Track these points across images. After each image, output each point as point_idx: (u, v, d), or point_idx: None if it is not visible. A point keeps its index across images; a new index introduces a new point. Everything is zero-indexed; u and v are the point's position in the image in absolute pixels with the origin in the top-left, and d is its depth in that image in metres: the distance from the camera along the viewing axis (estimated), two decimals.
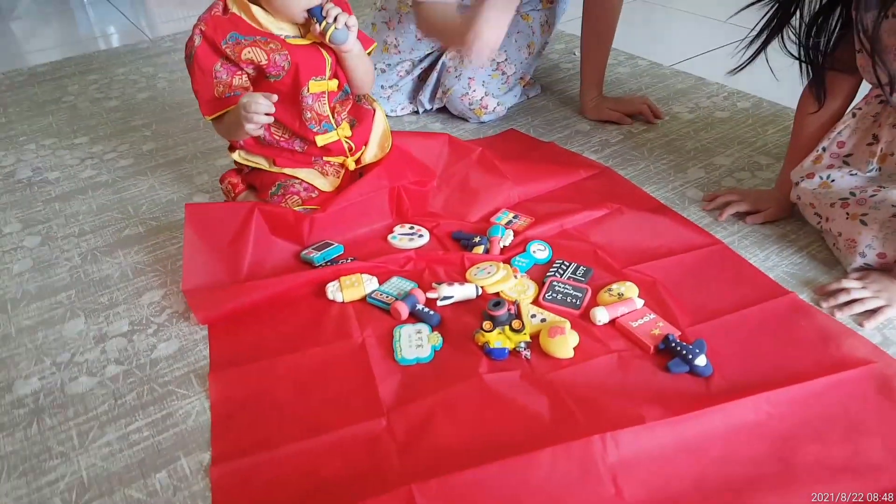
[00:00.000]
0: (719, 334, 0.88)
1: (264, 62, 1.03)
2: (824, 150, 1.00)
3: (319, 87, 1.09)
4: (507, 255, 1.05)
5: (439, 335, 0.91)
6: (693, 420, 0.75)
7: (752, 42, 0.97)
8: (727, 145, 1.33)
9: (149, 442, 0.81)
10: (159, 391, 0.88)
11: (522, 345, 0.87)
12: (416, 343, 0.90)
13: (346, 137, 1.15)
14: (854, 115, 0.98)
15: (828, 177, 0.99)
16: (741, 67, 0.98)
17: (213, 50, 1.02)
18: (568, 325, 0.89)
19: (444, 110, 1.54)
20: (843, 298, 0.91)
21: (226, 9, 1.04)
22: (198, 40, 1.02)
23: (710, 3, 2.19)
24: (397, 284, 1.01)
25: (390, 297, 0.98)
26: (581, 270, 1.01)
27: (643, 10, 1.42)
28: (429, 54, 1.53)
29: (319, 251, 1.06)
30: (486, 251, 1.06)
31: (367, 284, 1.00)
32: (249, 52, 1.02)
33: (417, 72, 1.55)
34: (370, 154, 1.18)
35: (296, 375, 0.88)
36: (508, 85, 1.49)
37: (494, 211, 1.17)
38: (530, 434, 0.77)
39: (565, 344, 0.86)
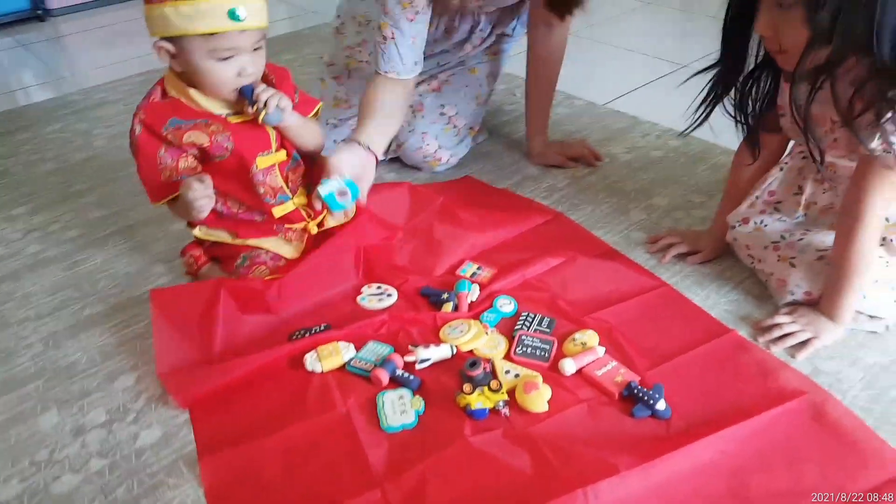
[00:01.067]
0: (674, 376, 0.96)
1: (206, 144, 1.05)
2: (757, 197, 1.12)
3: (268, 161, 1.11)
4: (475, 311, 1.10)
5: (421, 399, 0.95)
6: (660, 465, 0.82)
7: (700, 105, 1.07)
8: (663, 185, 1.43)
9: None
10: (149, 482, 0.88)
11: (501, 403, 0.93)
12: (399, 409, 0.93)
13: (302, 206, 1.17)
14: (782, 168, 1.09)
15: (761, 222, 1.10)
16: (691, 130, 1.08)
17: (154, 137, 1.04)
18: (540, 379, 0.95)
19: (397, 160, 1.58)
20: (776, 333, 1.01)
21: (164, 93, 1.06)
22: (138, 129, 1.04)
23: (637, 37, 2.32)
24: (374, 349, 1.04)
25: (369, 363, 1.01)
26: (545, 322, 1.07)
27: (573, 45, 1.50)
28: None
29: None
30: (455, 307, 1.11)
31: (344, 352, 1.02)
32: (191, 136, 1.04)
33: None
34: (333, 219, 1.20)
35: (286, 453, 0.89)
36: (459, 136, 1.55)
37: (459, 262, 1.22)
38: (517, 492, 0.82)
39: (540, 398, 0.92)
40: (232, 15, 0.95)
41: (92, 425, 0.97)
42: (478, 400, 0.93)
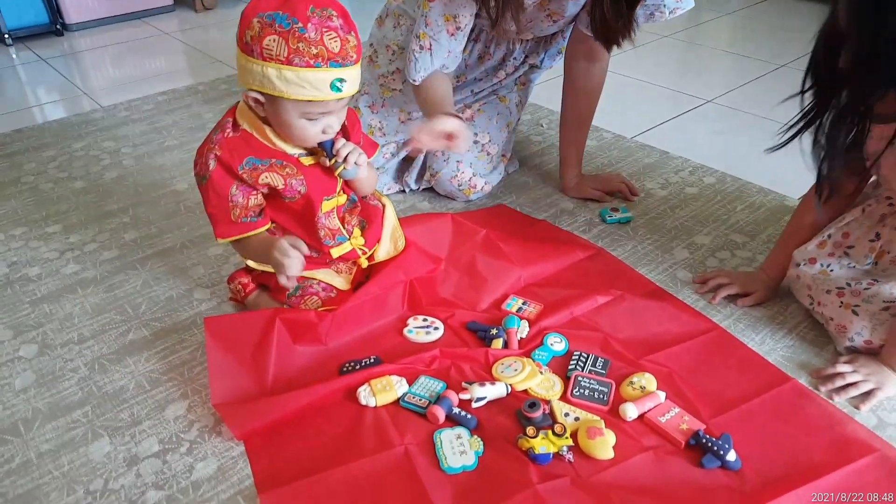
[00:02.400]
0: (739, 425, 0.95)
1: (281, 186, 1.04)
2: (829, 237, 1.09)
3: (330, 204, 1.11)
4: (526, 349, 1.10)
5: (479, 439, 0.94)
6: None
7: (790, 127, 1.02)
8: (703, 223, 1.44)
9: None
10: None
11: (565, 448, 0.91)
12: (458, 450, 0.92)
13: (359, 246, 1.18)
14: (863, 210, 1.06)
15: (828, 266, 1.08)
16: (779, 147, 1.03)
17: (228, 174, 1.02)
18: (603, 424, 0.94)
19: (430, 190, 1.58)
20: (839, 383, 1.01)
21: (236, 125, 1.03)
22: (212, 164, 1.01)
23: (654, 70, 2.36)
24: (427, 385, 1.03)
25: (424, 399, 1.00)
26: (600, 362, 1.06)
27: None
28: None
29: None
30: (505, 343, 1.11)
31: (397, 387, 1.02)
32: (266, 178, 1.03)
33: (403, 153, 1.59)
34: (383, 251, 1.20)
35: (347, 492, 0.88)
36: (493, 164, 1.56)
37: (503, 297, 1.22)
38: None
39: (605, 445, 0.91)
40: (334, 87, 0.93)
41: (145, 455, 0.96)
42: (542, 444, 0.91)
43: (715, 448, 0.90)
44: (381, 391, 1.01)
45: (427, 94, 1.35)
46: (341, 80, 0.94)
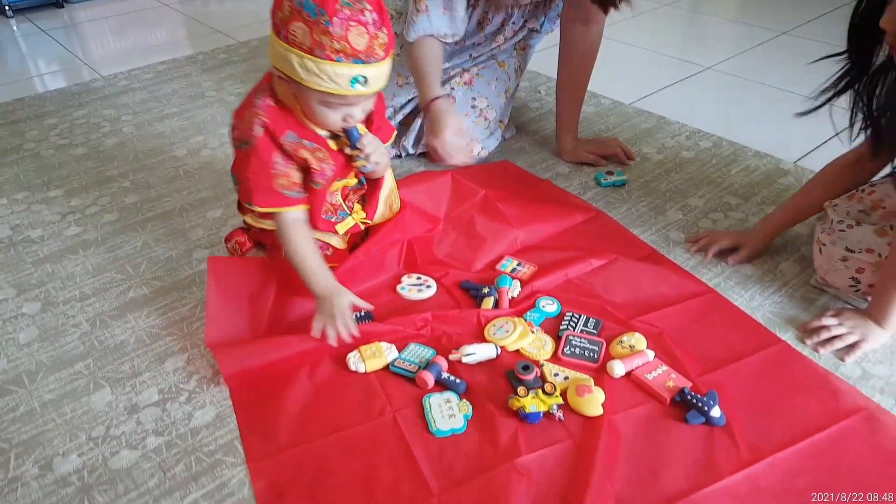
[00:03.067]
0: (726, 384, 0.96)
1: (316, 168, 1.03)
2: (863, 191, 1.09)
3: (339, 185, 1.12)
4: (517, 309, 1.11)
5: (468, 403, 0.95)
6: (722, 488, 0.83)
7: (825, 90, 1.02)
8: (697, 186, 1.45)
9: None
10: (207, 461, 0.90)
11: (555, 407, 0.92)
12: (447, 413, 0.93)
13: (360, 220, 1.19)
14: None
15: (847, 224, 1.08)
16: (810, 112, 1.04)
17: (273, 143, 1.00)
18: (592, 382, 0.96)
19: (427, 154, 1.59)
20: (824, 335, 1.03)
21: (273, 94, 1.01)
22: (259, 130, 0.98)
23: (654, 38, 2.35)
24: (416, 352, 1.03)
25: (413, 364, 1.00)
26: (591, 322, 1.07)
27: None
28: (410, 100, 1.58)
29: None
30: (496, 303, 1.12)
31: (387, 353, 1.02)
32: (304, 154, 1.02)
33: (399, 117, 1.60)
34: (378, 214, 1.22)
35: (336, 459, 0.88)
36: (490, 129, 1.57)
37: (498, 257, 1.24)
38: None
39: (594, 402, 0.92)
40: (354, 82, 0.91)
41: (145, 404, 0.98)
42: (532, 403, 0.92)
43: (699, 404, 0.91)
44: (371, 357, 1.01)
45: (419, 57, 1.36)
46: (363, 77, 0.91)
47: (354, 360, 1.01)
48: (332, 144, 1.05)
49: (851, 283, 1.06)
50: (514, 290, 1.15)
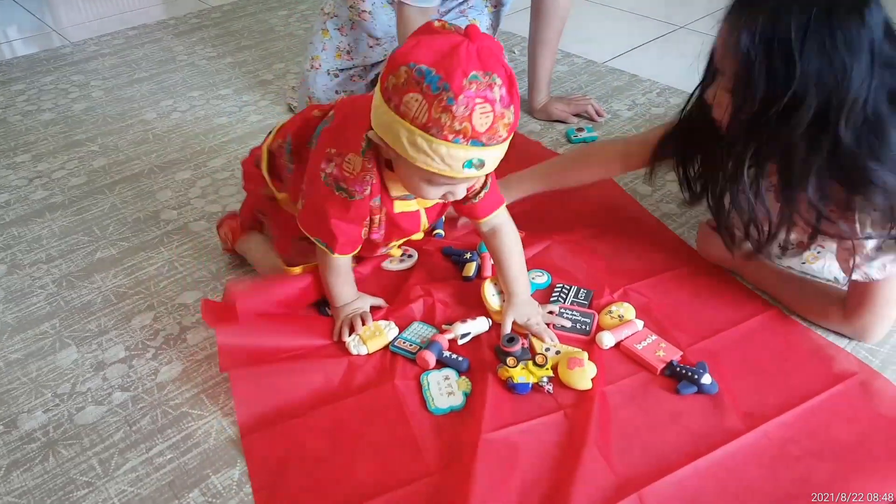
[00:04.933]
0: (718, 352, 0.95)
1: (376, 229, 0.97)
2: None
3: (398, 242, 1.08)
4: None
5: (468, 380, 0.92)
6: (716, 458, 0.81)
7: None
8: None
9: (174, 464, 0.84)
10: (173, 414, 0.90)
11: (545, 379, 0.90)
12: (446, 391, 0.90)
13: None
14: None
15: None
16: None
17: (367, 203, 0.92)
18: (586, 356, 0.92)
19: None
20: None
21: (378, 154, 0.88)
22: (367, 191, 0.90)
23: (633, 0, 2.33)
24: (418, 331, 1.00)
25: (414, 345, 0.97)
26: (582, 294, 1.05)
27: (573, 6, 1.51)
28: (381, 61, 1.57)
29: None
30: (479, 267, 1.10)
31: (387, 331, 0.98)
32: (375, 216, 0.95)
33: (371, 76, 1.59)
34: None
35: (333, 433, 0.86)
36: None
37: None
38: (583, 494, 0.77)
39: (584, 376, 0.90)
40: (468, 165, 0.79)
41: (111, 361, 0.99)
42: (521, 374, 0.91)
43: (689, 374, 0.89)
44: (372, 337, 0.97)
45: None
46: (479, 161, 0.79)
47: (355, 344, 0.97)
48: (399, 208, 0.96)
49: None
50: None
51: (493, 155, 0.80)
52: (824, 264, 0.99)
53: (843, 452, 0.81)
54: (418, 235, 1.08)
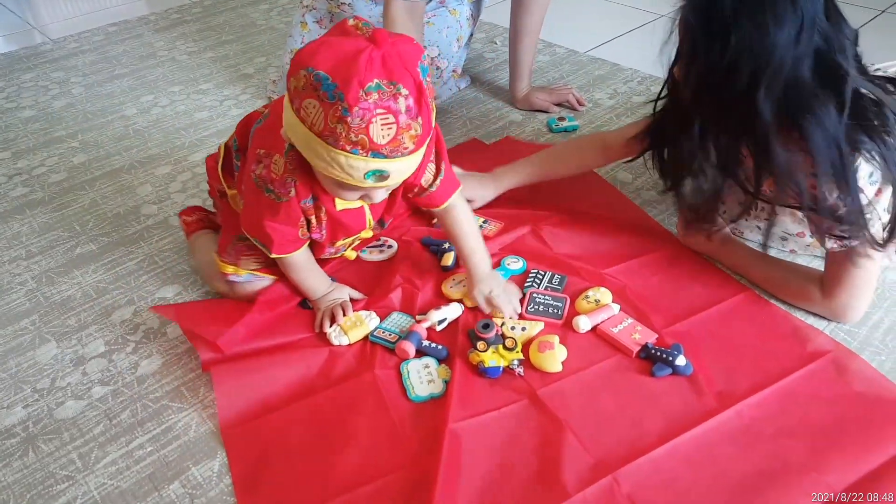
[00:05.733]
0: (692, 334, 0.95)
1: (315, 227, 0.94)
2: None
3: (351, 240, 1.05)
4: None
5: (448, 368, 0.92)
6: (690, 438, 0.82)
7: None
8: None
9: (154, 457, 0.84)
10: (153, 407, 0.90)
11: (515, 362, 0.91)
12: (426, 379, 0.91)
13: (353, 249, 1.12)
14: None
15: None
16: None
17: (298, 202, 0.89)
18: (557, 339, 0.93)
19: None
20: None
21: (287, 146, 0.84)
22: (293, 192, 0.87)
23: None
24: (398, 320, 1.00)
25: (393, 334, 0.97)
26: (556, 279, 1.05)
27: None
28: None
29: None
30: (456, 258, 1.09)
31: (368, 321, 0.98)
32: (311, 217, 0.93)
33: None
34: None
35: (313, 425, 0.86)
36: (443, 79, 1.55)
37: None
38: (555, 477, 0.78)
39: (554, 358, 0.91)
40: (369, 176, 0.77)
41: (91, 356, 0.98)
42: (492, 357, 0.91)
43: (664, 356, 0.90)
44: (353, 327, 0.97)
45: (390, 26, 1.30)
46: (381, 173, 0.77)
47: (336, 335, 0.97)
48: (340, 205, 0.93)
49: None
50: None
51: (398, 166, 0.77)
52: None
53: (816, 431, 0.82)
54: (367, 233, 1.05)
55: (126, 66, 1.90)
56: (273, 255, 0.94)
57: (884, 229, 0.87)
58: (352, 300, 1.02)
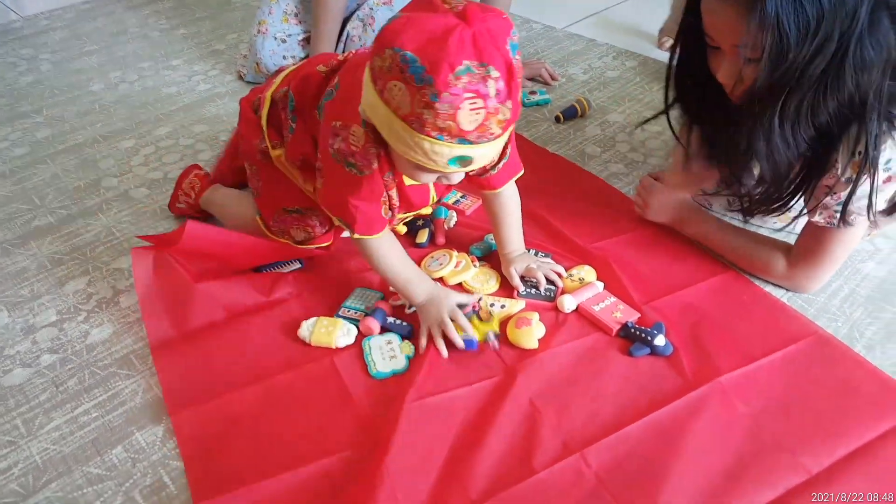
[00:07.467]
0: (674, 312, 0.94)
1: (395, 205, 0.89)
2: None
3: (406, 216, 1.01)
4: (462, 243, 1.07)
5: (411, 344, 0.91)
6: (664, 415, 0.80)
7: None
8: (619, 103, 1.45)
9: (99, 422, 0.83)
10: (101, 374, 0.89)
11: (491, 335, 0.89)
12: (388, 355, 0.89)
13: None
14: None
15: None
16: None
17: (380, 179, 0.84)
18: (536, 317, 0.91)
19: None
20: None
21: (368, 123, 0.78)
22: (375, 164, 0.81)
23: None
24: (363, 295, 0.98)
25: (359, 312, 0.95)
26: (540, 256, 1.03)
27: None
28: None
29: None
30: (431, 234, 1.07)
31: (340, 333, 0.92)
32: (393, 192, 0.87)
33: None
34: None
35: (269, 407, 0.84)
36: None
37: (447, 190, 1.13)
38: (522, 454, 0.77)
39: (530, 335, 0.89)
40: (453, 162, 0.72)
41: (42, 325, 0.97)
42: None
43: (643, 335, 0.88)
44: (326, 336, 0.91)
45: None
46: (466, 159, 0.72)
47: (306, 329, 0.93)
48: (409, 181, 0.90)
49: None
50: (450, 220, 1.10)
51: (483, 151, 0.73)
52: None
53: (793, 412, 0.81)
54: (427, 209, 1.02)
55: (96, 43, 1.87)
56: (356, 236, 0.88)
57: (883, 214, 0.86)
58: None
